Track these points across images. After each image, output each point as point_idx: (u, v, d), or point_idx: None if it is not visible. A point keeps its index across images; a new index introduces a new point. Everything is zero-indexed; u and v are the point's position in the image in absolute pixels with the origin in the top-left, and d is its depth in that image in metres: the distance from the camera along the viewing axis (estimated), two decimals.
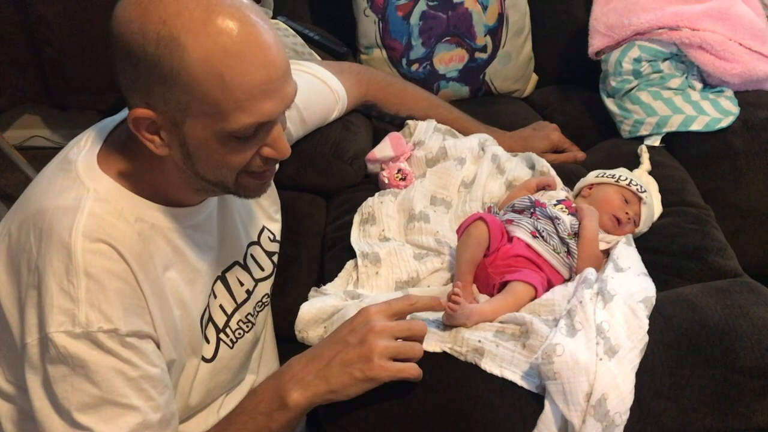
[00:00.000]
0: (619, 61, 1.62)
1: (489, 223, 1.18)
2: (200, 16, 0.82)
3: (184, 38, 0.82)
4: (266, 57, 0.85)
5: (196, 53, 0.82)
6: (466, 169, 1.44)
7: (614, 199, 1.31)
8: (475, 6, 1.81)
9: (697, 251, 1.28)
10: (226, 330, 1.11)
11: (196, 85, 0.84)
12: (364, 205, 1.38)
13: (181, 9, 0.82)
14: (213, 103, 0.85)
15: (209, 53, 0.82)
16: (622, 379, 0.98)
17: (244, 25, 0.84)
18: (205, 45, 0.82)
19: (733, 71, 1.58)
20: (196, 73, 0.83)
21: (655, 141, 1.58)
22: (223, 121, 0.86)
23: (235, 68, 0.83)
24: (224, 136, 0.88)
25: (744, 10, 1.61)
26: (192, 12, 0.82)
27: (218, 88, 0.84)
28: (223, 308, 1.10)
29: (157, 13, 0.82)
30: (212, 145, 0.89)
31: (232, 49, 0.83)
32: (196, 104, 0.85)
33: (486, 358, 1.01)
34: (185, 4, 0.82)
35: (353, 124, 1.53)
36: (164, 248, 0.97)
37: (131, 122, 0.88)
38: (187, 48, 0.82)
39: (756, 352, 1.03)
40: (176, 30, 0.82)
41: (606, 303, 1.06)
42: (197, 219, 1.03)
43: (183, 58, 0.82)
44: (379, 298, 1.14)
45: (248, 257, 1.17)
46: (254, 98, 0.86)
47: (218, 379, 1.10)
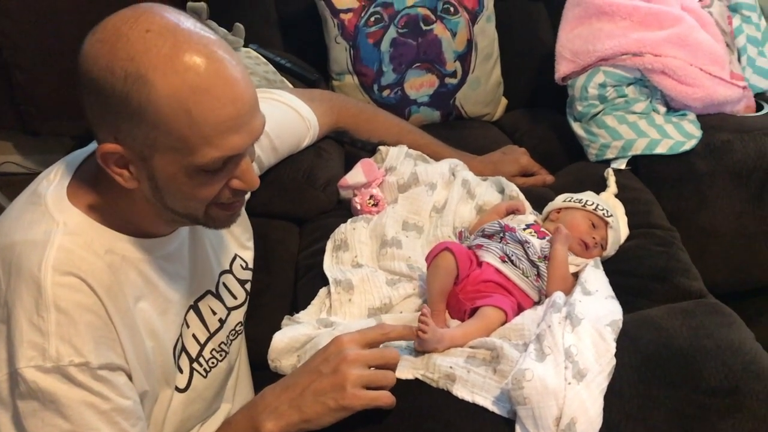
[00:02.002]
0: (584, 86, 1.66)
1: (455, 252, 1.20)
2: (167, 53, 0.83)
3: (151, 75, 0.83)
4: (234, 92, 0.86)
5: (163, 90, 0.83)
6: (437, 194, 1.46)
7: (581, 223, 1.33)
8: (444, 33, 1.84)
9: (663, 273, 1.30)
10: (199, 359, 1.11)
11: (163, 121, 0.84)
12: (337, 231, 1.39)
13: (148, 46, 0.83)
14: (181, 139, 0.86)
15: (176, 90, 0.83)
16: (591, 402, 0.99)
17: (211, 61, 0.85)
18: (172, 81, 0.83)
19: (694, 95, 1.62)
20: (164, 110, 0.84)
21: (621, 164, 1.61)
22: (191, 155, 0.87)
23: (202, 104, 0.84)
24: (192, 170, 0.89)
25: (703, 36, 1.66)
26: (159, 49, 0.83)
27: (186, 124, 0.85)
28: (196, 337, 1.11)
29: (125, 51, 0.83)
30: (181, 178, 0.90)
31: (199, 85, 0.84)
32: (163, 139, 0.86)
33: (458, 384, 1.02)
34: (153, 41, 0.83)
35: (325, 150, 1.54)
36: (135, 279, 0.97)
37: (100, 157, 0.89)
38: (154, 85, 0.83)
39: (720, 372, 1.05)
40: (143, 67, 0.82)
41: (574, 327, 1.08)
42: (168, 249, 1.03)
43: (150, 94, 0.83)
44: (352, 326, 1.15)
45: (221, 286, 1.17)
46: (222, 133, 0.86)
47: (192, 409, 1.10)
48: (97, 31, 0.86)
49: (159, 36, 0.84)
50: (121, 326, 0.93)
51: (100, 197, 0.95)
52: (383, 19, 1.80)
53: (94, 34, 0.86)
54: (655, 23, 1.65)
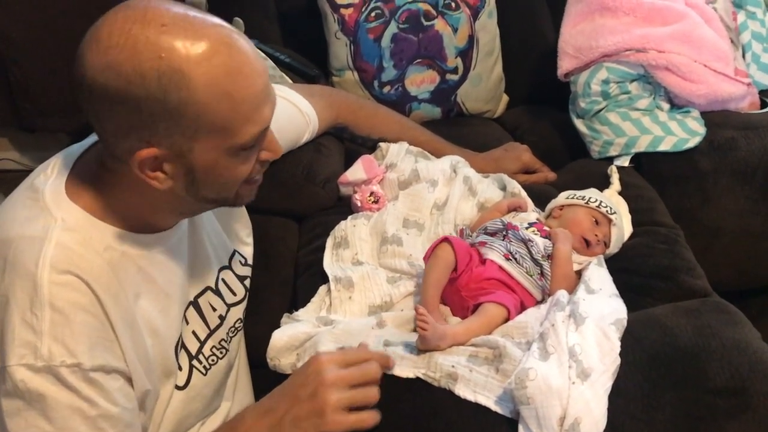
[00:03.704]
0: (587, 82, 1.65)
1: (454, 244, 1.19)
2: (191, 43, 0.83)
3: (186, 67, 0.83)
4: (257, 66, 0.89)
5: (201, 79, 0.84)
6: (439, 191, 1.45)
7: (584, 220, 1.32)
8: (445, 28, 1.82)
9: (667, 271, 1.29)
10: (199, 357, 1.09)
11: (205, 110, 0.85)
12: (337, 228, 1.37)
13: (172, 41, 0.83)
14: (223, 123, 0.87)
15: (213, 76, 0.84)
16: (596, 402, 0.98)
17: (231, 42, 0.86)
18: (207, 69, 0.84)
19: (698, 92, 1.61)
20: (205, 98, 0.84)
21: (624, 161, 1.60)
22: (234, 137, 0.88)
23: (238, 84, 0.86)
24: (234, 151, 0.90)
25: (708, 32, 1.64)
26: (183, 41, 0.83)
27: (228, 107, 0.86)
28: (195, 334, 1.09)
29: (150, 51, 0.82)
30: (222, 163, 0.91)
31: (231, 66, 0.85)
32: (206, 128, 0.86)
33: (460, 384, 1.01)
34: (174, 35, 0.83)
35: (325, 146, 1.53)
36: (135, 276, 0.96)
37: (137, 166, 0.88)
38: (191, 77, 0.83)
39: (726, 372, 1.04)
40: (176, 62, 0.82)
41: (578, 326, 1.06)
42: (168, 244, 1.02)
43: (189, 87, 0.83)
44: (352, 324, 1.14)
45: (220, 282, 1.16)
46: (257, 107, 0.89)
47: (191, 407, 1.08)
48: (102, 39, 0.83)
49: (177, 28, 0.83)
50: (121, 325, 0.92)
51: (99, 192, 0.94)
52: (384, 14, 1.78)
53: (99, 44, 0.83)
54: (658, 19, 1.63)
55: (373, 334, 1.12)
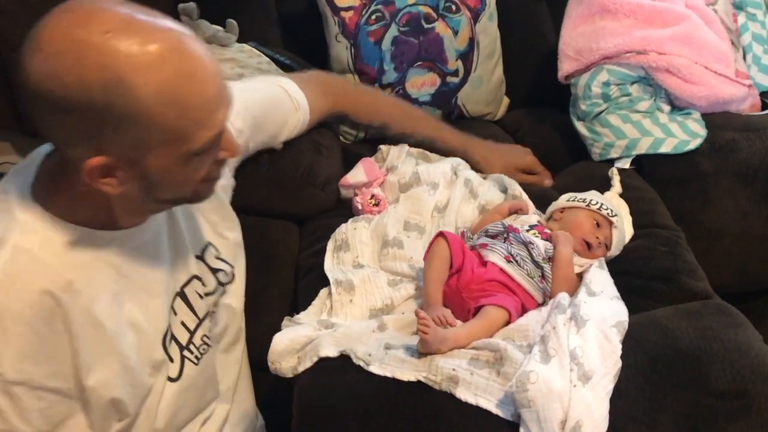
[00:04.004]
0: (588, 84, 1.64)
1: (448, 238, 1.20)
2: (139, 50, 0.79)
3: (131, 77, 0.79)
4: (210, 68, 0.85)
5: (148, 88, 0.80)
6: (439, 194, 1.45)
7: (585, 223, 1.32)
8: (446, 31, 1.82)
9: (669, 273, 1.29)
10: (189, 347, 1.08)
11: (154, 119, 0.82)
12: (338, 231, 1.37)
13: (116, 48, 0.79)
14: (175, 131, 0.84)
15: (161, 84, 0.81)
16: (597, 405, 0.98)
17: (181, 45, 0.83)
18: (154, 78, 0.80)
19: (699, 94, 1.61)
20: (154, 108, 0.81)
21: (625, 163, 1.59)
22: (187, 143, 0.86)
23: (190, 90, 0.83)
24: (187, 157, 0.87)
25: (709, 34, 1.64)
26: (128, 48, 0.79)
27: (178, 115, 0.83)
28: (185, 325, 1.08)
29: (93, 59, 0.78)
30: (176, 169, 0.88)
31: (180, 72, 0.82)
32: (156, 136, 0.83)
33: (461, 387, 1.01)
34: (119, 41, 0.79)
35: (325, 147, 1.52)
36: (107, 275, 0.94)
37: (86, 175, 0.84)
38: (137, 86, 0.79)
39: (728, 374, 1.04)
40: (122, 71, 0.79)
41: (579, 328, 1.06)
42: (144, 238, 1.00)
43: (136, 97, 0.80)
44: (353, 327, 1.14)
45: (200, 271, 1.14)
46: (211, 112, 0.86)
47: (185, 398, 1.07)
48: (43, 45, 0.79)
49: (123, 34, 0.79)
50: (83, 332, 0.89)
51: (63, 192, 0.91)
52: (384, 17, 1.78)
53: (41, 50, 0.79)
54: (659, 21, 1.63)
55: (374, 337, 1.12)
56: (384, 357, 1.05)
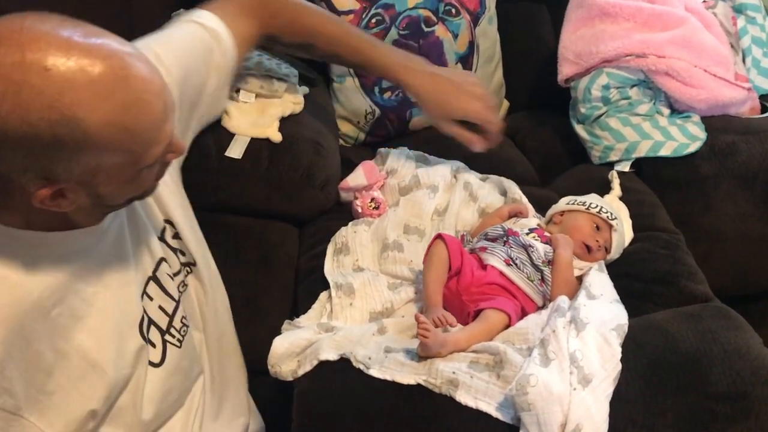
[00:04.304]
0: (587, 88, 1.65)
1: (446, 240, 1.20)
2: (83, 83, 0.78)
3: (79, 113, 0.78)
4: (154, 86, 0.85)
5: (97, 121, 0.79)
6: (439, 197, 1.45)
7: (585, 226, 1.32)
8: (445, 34, 1.83)
9: (668, 276, 1.29)
10: (170, 331, 1.08)
11: (106, 150, 0.82)
12: (338, 234, 1.37)
13: (60, 87, 0.76)
14: (126, 155, 0.85)
15: (110, 115, 0.80)
16: (597, 408, 0.98)
17: (123, 68, 0.81)
18: (102, 109, 0.79)
19: (699, 97, 1.61)
20: (105, 139, 0.81)
21: (625, 166, 1.60)
22: (139, 162, 0.87)
23: (138, 115, 0.83)
24: (138, 171, 0.88)
25: (708, 37, 1.64)
26: (73, 84, 0.77)
27: (129, 139, 0.83)
28: (163, 309, 1.07)
29: (37, 101, 0.76)
30: (127, 183, 0.89)
31: (128, 101, 0.81)
32: (107, 162, 0.84)
33: (461, 390, 1.01)
34: (61, 78, 0.76)
35: (324, 147, 1.52)
36: (55, 278, 0.91)
37: (36, 201, 0.83)
38: (85, 120, 0.78)
39: (728, 377, 1.04)
40: (67, 109, 0.77)
41: (579, 332, 1.06)
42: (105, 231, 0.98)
43: (86, 131, 0.79)
44: (353, 330, 1.14)
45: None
46: (159, 128, 0.86)
47: (172, 382, 1.07)
48: None
49: (63, 68, 0.77)
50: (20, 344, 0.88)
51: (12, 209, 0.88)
52: (384, 20, 1.79)
53: None
54: (658, 24, 1.64)
55: (374, 340, 1.12)
56: (384, 360, 1.05)
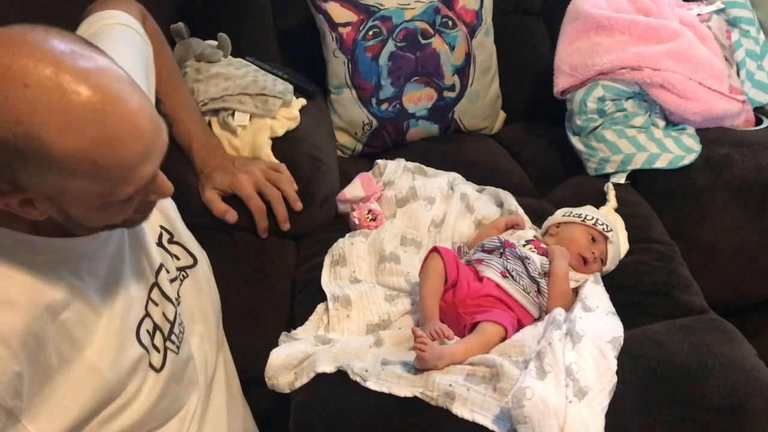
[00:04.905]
0: (583, 100, 1.66)
1: (442, 252, 1.21)
2: (57, 108, 0.74)
3: (46, 136, 0.74)
4: (137, 128, 0.79)
5: (63, 149, 0.75)
6: (436, 208, 1.46)
7: (581, 238, 1.33)
8: (442, 46, 1.84)
9: (664, 288, 1.30)
10: (171, 337, 1.07)
11: (70, 174, 0.78)
12: (335, 246, 1.38)
13: (34, 105, 0.73)
14: (92, 185, 0.80)
15: (78, 147, 0.76)
16: (592, 421, 0.98)
17: (107, 103, 0.76)
18: (71, 140, 0.75)
19: (694, 109, 1.62)
20: (68, 166, 0.76)
21: (620, 178, 1.61)
22: (105, 196, 0.82)
23: (108, 153, 0.78)
24: (107, 205, 0.84)
25: (702, 50, 1.66)
26: (47, 105, 0.74)
27: (95, 174, 0.78)
28: (165, 315, 1.06)
29: (7, 114, 0.73)
30: (95, 212, 0.85)
31: (101, 135, 0.76)
32: (72, 186, 0.79)
33: (457, 403, 1.01)
34: (37, 97, 0.73)
35: (322, 162, 1.53)
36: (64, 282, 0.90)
37: (4, 207, 0.81)
38: (52, 144, 0.75)
39: (723, 390, 1.04)
40: (35, 129, 0.74)
41: (575, 344, 1.07)
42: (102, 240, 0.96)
43: (50, 154, 0.75)
44: (350, 342, 1.14)
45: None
46: (134, 169, 0.81)
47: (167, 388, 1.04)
48: None
49: (42, 89, 0.73)
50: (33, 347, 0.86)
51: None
52: (382, 32, 1.80)
53: None
54: (653, 37, 1.65)
55: (370, 352, 1.12)
56: (381, 373, 1.05)
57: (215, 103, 1.50)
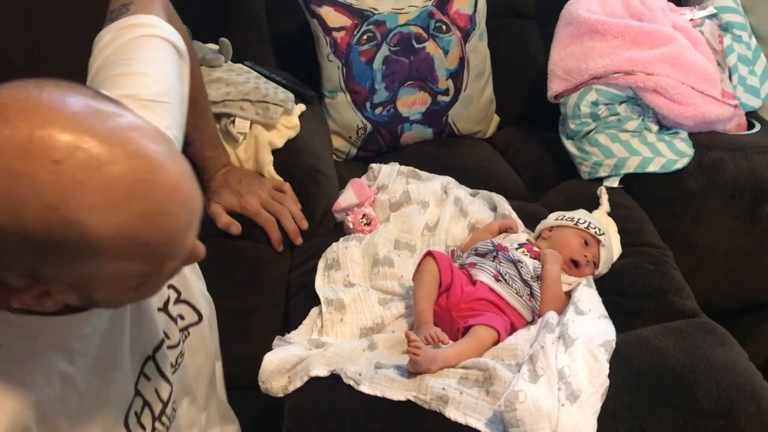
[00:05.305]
0: (577, 104, 1.66)
1: (437, 256, 1.21)
2: (98, 186, 0.61)
3: (86, 219, 0.62)
4: (184, 193, 0.68)
5: (106, 231, 0.63)
6: (430, 212, 1.46)
7: (573, 241, 1.33)
8: (436, 51, 1.84)
9: (656, 292, 1.30)
10: (161, 418, 0.94)
11: (110, 259, 0.65)
12: (329, 250, 1.38)
13: (68, 187, 0.60)
14: (135, 266, 0.68)
15: (122, 226, 0.63)
16: (585, 424, 0.99)
17: (151, 172, 0.65)
18: (114, 219, 0.63)
19: (686, 114, 1.63)
20: (110, 250, 0.64)
21: (613, 182, 1.61)
22: (146, 275, 0.70)
23: (156, 228, 0.66)
24: (144, 284, 0.72)
25: (695, 55, 1.67)
26: (84, 186, 0.61)
27: (140, 254, 0.67)
28: (158, 393, 0.93)
29: (38, 200, 0.60)
30: (128, 292, 0.72)
31: (146, 210, 0.65)
32: (109, 271, 0.67)
33: (450, 406, 1.01)
34: (71, 176, 0.60)
35: (323, 173, 1.53)
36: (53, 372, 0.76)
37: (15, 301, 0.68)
38: (93, 228, 0.62)
39: (714, 393, 1.05)
40: (73, 213, 0.61)
41: (567, 347, 1.07)
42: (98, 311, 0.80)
43: (90, 240, 0.63)
44: (344, 346, 1.15)
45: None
46: (180, 240, 0.70)
47: None
48: None
49: (75, 164, 0.61)
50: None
51: None
52: (376, 37, 1.80)
53: None
54: (646, 42, 1.66)
55: (364, 356, 1.12)
56: (374, 376, 1.06)
57: (216, 107, 1.50)
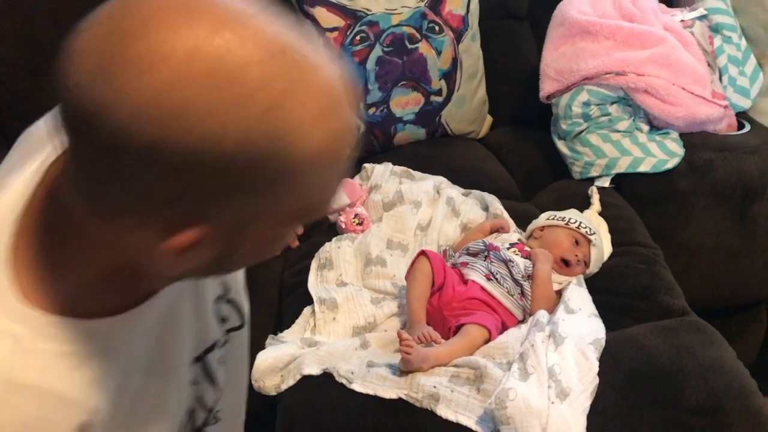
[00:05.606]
0: (568, 104, 1.67)
1: (430, 256, 1.22)
2: (317, 88, 0.51)
3: (299, 130, 0.50)
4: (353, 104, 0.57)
5: (308, 147, 0.51)
6: (422, 212, 1.47)
7: (564, 241, 1.34)
8: (429, 51, 1.85)
9: (646, 291, 1.31)
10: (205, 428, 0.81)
11: (299, 188, 0.54)
12: (322, 250, 1.39)
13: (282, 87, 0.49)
14: (315, 200, 0.57)
15: (324, 141, 0.53)
16: (574, 422, 1.00)
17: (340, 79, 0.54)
18: (319, 132, 0.52)
19: (677, 114, 1.64)
20: (301, 174, 0.53)
21: (605, 182, 1.62)
22: (314, 213, 0.60)
23: (345, 143, 0.55)
24: (297, 225, 0.62)
25: (686, 56, 1.68)
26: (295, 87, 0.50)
27: (327, 177, 0.56)
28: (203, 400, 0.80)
29: (261, 100, 0.48)
30: (274, 239, 0.60)
31: (341, 122, 0.54)
32: (287, 209, 0.55)
33: (441, 404, 1.02)
34: (281, 72, 0.49)
35: None
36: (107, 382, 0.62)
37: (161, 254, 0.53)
38: (297, 146, 0.51)
39: (702, 391, 1.06)
40: (282, 122, 0.50)
41: (557, 346, 1.08)
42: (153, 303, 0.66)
43: (291, 159, 0.51)
44: (337, 345, 1.15)
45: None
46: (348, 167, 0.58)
47: None
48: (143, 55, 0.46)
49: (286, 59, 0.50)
50: None
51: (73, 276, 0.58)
52: (369, 37, 1.81)
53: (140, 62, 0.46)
54: (637, 43, 1.67)
55: (356, 354, 1.13)
56: (366, 375, 1.06)
57: None
